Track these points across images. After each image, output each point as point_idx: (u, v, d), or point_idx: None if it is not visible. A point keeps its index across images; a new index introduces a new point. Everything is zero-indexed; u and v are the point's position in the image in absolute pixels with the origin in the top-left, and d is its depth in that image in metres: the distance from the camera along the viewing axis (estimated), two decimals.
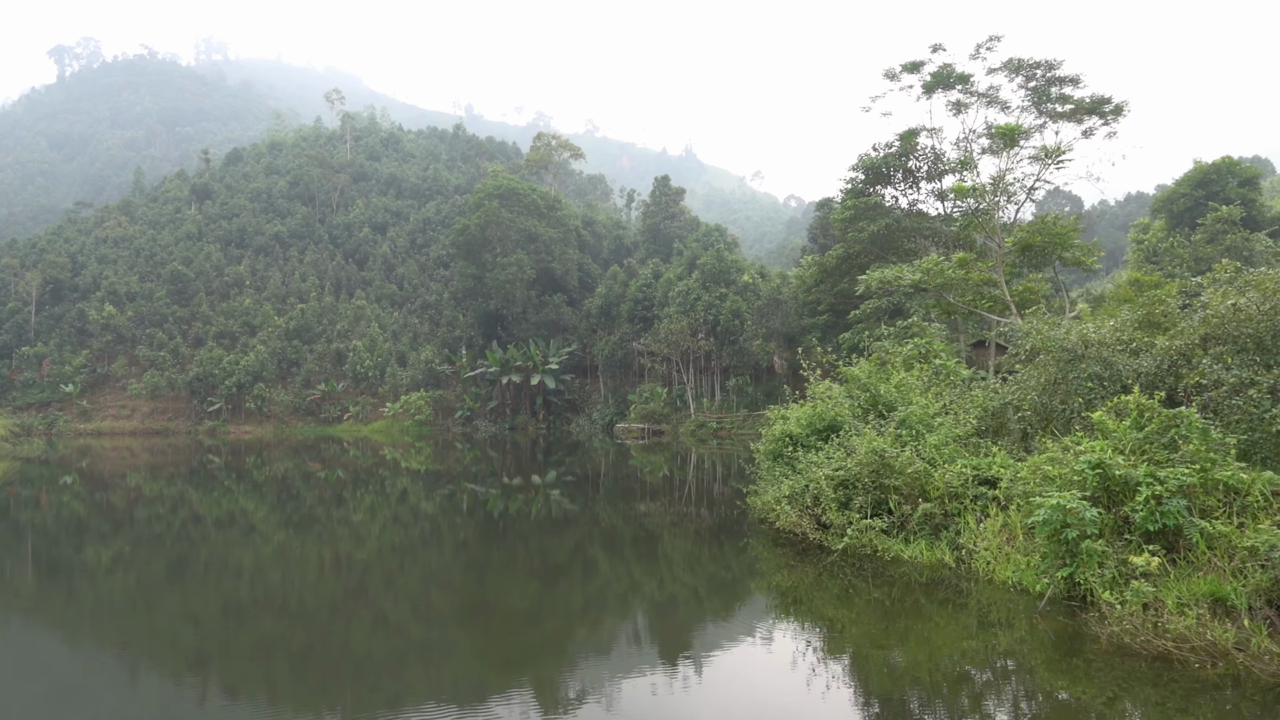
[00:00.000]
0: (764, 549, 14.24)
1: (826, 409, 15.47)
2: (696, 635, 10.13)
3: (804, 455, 14.51)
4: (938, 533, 12.37)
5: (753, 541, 15.04)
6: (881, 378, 15.99)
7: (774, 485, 15.31)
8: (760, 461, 16.66)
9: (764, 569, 13.12)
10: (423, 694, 7.91)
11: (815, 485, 13.63)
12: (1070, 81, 39.93)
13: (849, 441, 13.98)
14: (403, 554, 15.29)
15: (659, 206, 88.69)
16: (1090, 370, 13.39)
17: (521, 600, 11.77)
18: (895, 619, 9.92)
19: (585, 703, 7.57)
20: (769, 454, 16.16)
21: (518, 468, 35.46)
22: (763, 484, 16.36)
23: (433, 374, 78.47)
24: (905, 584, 11.19)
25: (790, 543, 13.94)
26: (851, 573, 11.88)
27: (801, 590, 11.60)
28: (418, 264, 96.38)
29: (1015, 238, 26.82)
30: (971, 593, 10.65)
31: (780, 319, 54.93)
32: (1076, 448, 10.43)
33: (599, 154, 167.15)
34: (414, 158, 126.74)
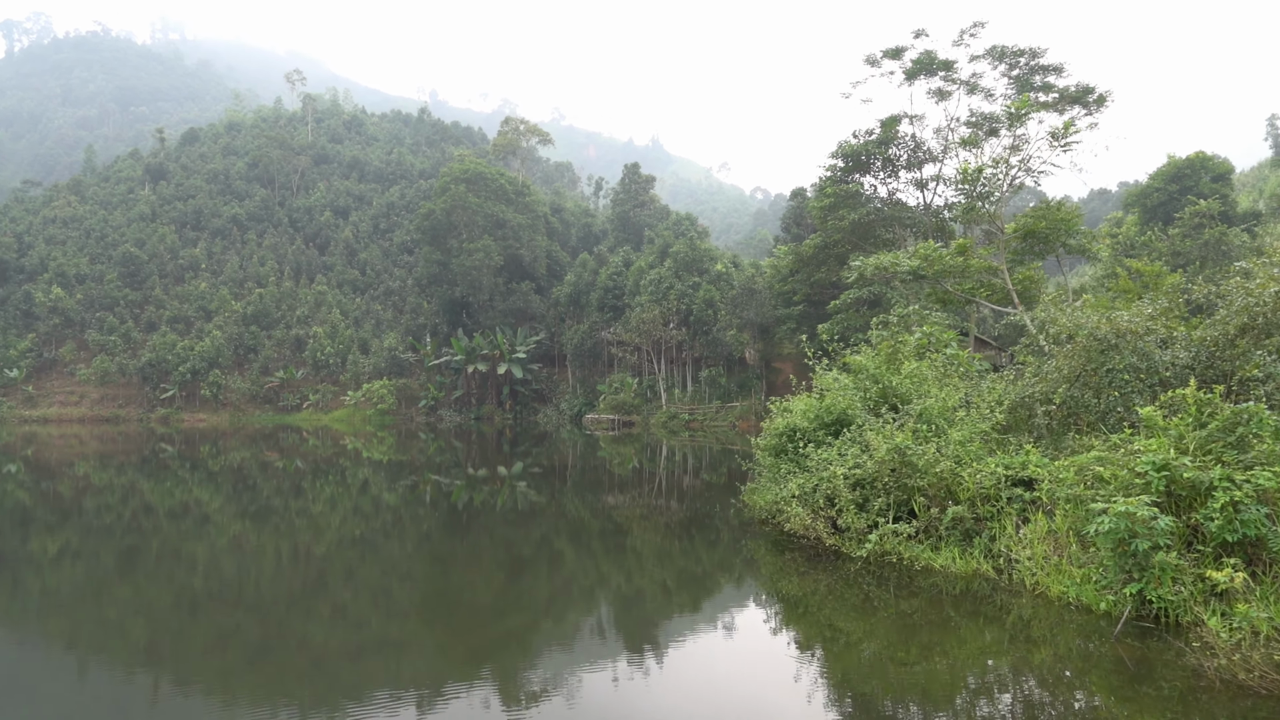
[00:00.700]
0: (767, 553, 13.23)
1: (835, 401, 14.28)
2: (690, 643, 9.34)
3: (813, 451, 13.48)
4: (969, 539, 11.33)
5: (752, 544, 13.96)
6: (891, 368, 14.92)
7: (778, 484, 14.33)
8: (761, 458, 15.49)
9: (769, 575, 12.17)
10: (383, 687, 7.82)
11: (829, 484, 12.63)
12: (1054, 70, 40.34)
13: (862, 437, 13.06)
14: (363, 546, 15.11)
15: (628, 194, 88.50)
16: (1126, 361, 12.57)
17: (486, 593, 11.70)
18: (932, 636, 8.79)
19: (550, 698, 7.54)
20: (771, 450, 15.01)
21: (483, 459, 35.25)
22: (763, 482, 15.45)
23: (396, 362, 77.67)
24: (937, 596, 10.08)
25: (798, 547, 12.90)
26: (872, 582, 10.82)
27: (815, 601, 10.47)
28: (381, 249, 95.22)
29: (1018, 224, 26.25)
30: (1019, 609, 9.52)
31: (755, 309, 55.10)
32: (1127, 446, 9.72)
33: (565, 143, 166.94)
34: (377, 141, 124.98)
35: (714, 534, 16.15)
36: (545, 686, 7.81)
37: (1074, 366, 13.35)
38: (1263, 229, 46.20)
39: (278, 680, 8.10)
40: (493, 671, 8.28)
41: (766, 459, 15.20)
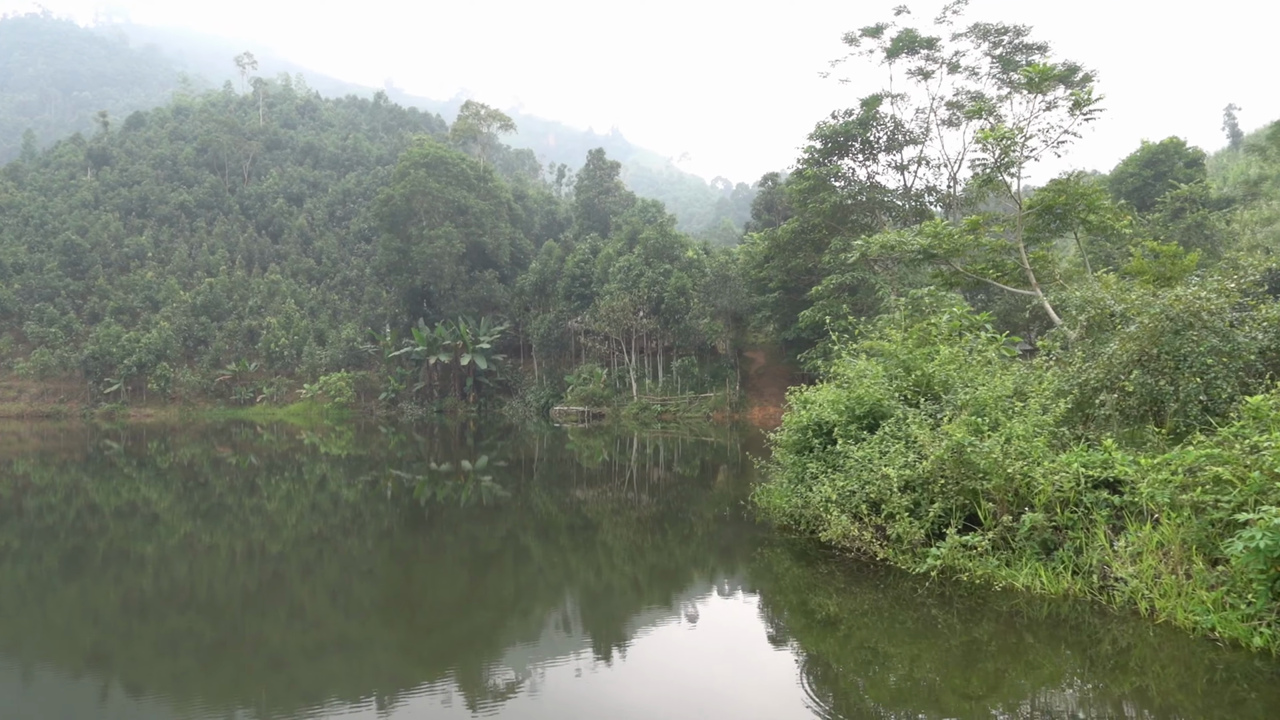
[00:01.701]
0: (792, 564, 11.97)
1: (868, 391, 12.78)
2: (702, 661, 8.47)
3: (847, 449, 12.09)
4: (1048, 551, 9.83)
5: (771, 554, 12.70)
6: (922, 354, 13.47)
7: (803, 485, 13.04)
8: (781, 455, 14.10)
9: (799, 591, 10.68)
10: (343, 687, 7.78)
11: (873, 487, 11.27)
12: (1037, 49, 40.82)
13: (902, 431, 11.80)
14: (321, 544, 14.97)
15: (593, 181, 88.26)
16: (1207, 344, 11.36)
17: (449, 591, 11.66)
18: (1033, 671, 7.58)
19: (517, 698, 7.55)
20: (793, 446, 13.60)
21: (446, 453, 35.05)
22: (781, 482, 14.16)
23: (354, 353, 76.82)
24: (1024, 621, 8.66)
25: (832, 558, 11.58)
26: (935, 603, 9.33)
27: (863, 624, 9.08)
28: (337, 237, 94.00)
29: (1035, 198, 25.62)
30: (1132, 638, 8.00)
31: (729, 297, 55.15)
32: (1241, 441, 8.62)
33: (524, 132, 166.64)
34: (332, 126, 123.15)
35: (723, 539, 14.97)
36: (511, 686, 7.81)
37: (1139, 349, 11.95)
38: (1233, 214, 47.36)
39: (233, 682, 8.01)
40: (457, 670, 8.26)
41: (787, 457, 13.76)
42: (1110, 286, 15.80)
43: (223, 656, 8.72)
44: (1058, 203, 25.11)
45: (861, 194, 45.47)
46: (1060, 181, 25.36)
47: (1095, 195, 25.09)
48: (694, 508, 18.54)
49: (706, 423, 50.75)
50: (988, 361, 13.78)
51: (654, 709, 7.15)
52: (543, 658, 8.62)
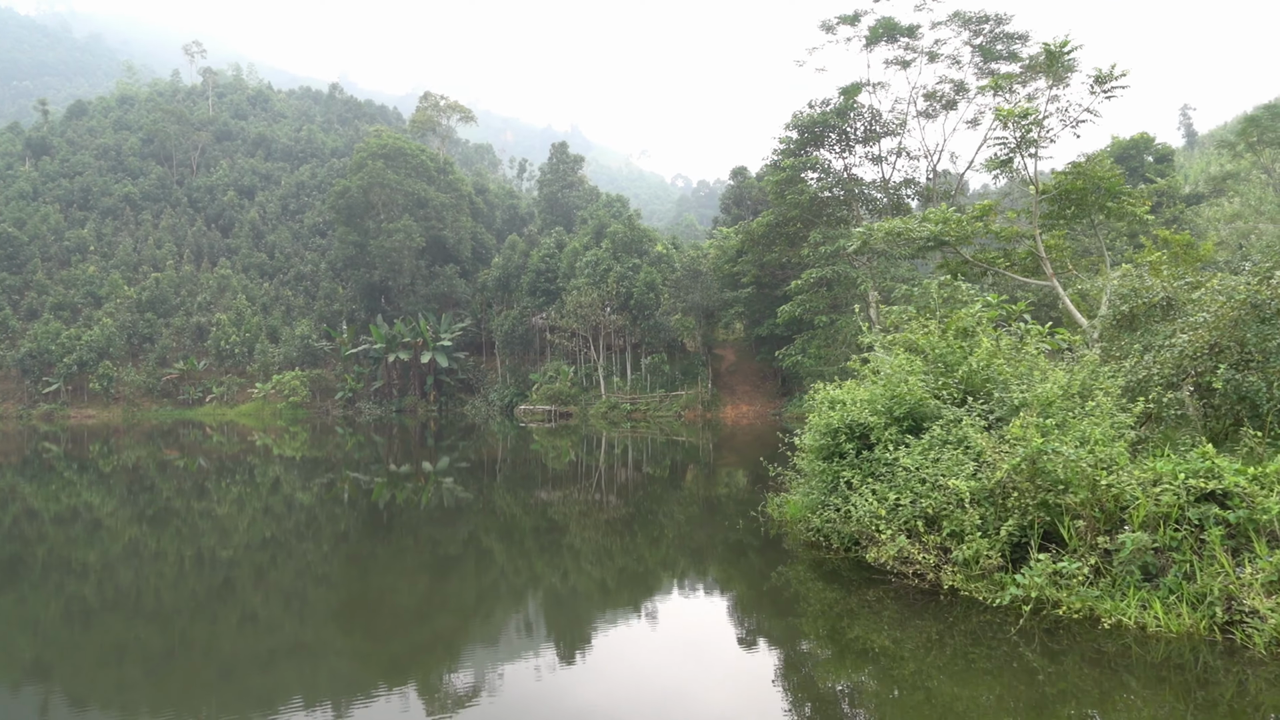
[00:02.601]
0: (829, 589, 10.45)
1: (907, 389, 11.40)
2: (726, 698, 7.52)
3: (896, 456, 10.77)
4: (1150, 578, 8.47)
5: (797, 576, 11.41)
6: (961, 347, 12.35)
7: (832, 496, 11.81)
8: (807, 462, 12.76)
9: (844, 623, 9.16)
10: (297, 695, 7.68)
11: (933, 501, 9.83)
12: (1019, 38, 41.29)
13: (954, 434, 10.49)
14: (274, 548, 14.75)
15: (556, 175, 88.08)
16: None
17: (409, 596, 11.56)
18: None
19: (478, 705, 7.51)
20: (819, 452, 12.29)
21: (406, 454, 34.74)
22: (801, 492, 13.17)
23: (309, 351, 75.78)
24: (1142, 667, 7.35)
25: (876, 581, 10.23)
26: (1023, 642, 7.98)
27: (940, 671, 7.57)
28: (290, 231, 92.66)
29: (1052, 182, 24.72)
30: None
31: (700, 292, 55.19)
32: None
33: (482, 128, 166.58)
34: (285, 118, 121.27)
35: (737, 557, 13.27)
36: (472, 692, 7.76)
37: (1212, 341, 10.92)
38: (1199, 211, 48.54)
39: (181, 692, 7.86)
40: (417, 677, 8.20)
41: (815, 464, 12.42)
42: (1160, 272, 14.95)
43: (171, 666, 8.55)
44: (1075, 188, 24.12)
45: (839, 186, 45.66)
46: (1079, 164, 24.43)
47: (1115, 180, 24.15)
48: (690, 517, 17.95)
49: (678, 422, 50.89)
50: (1034, 355, 12.38)
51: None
52: (525, 690, 8.57)
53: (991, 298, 14.03)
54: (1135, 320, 14.42)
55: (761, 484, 21.87)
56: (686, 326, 57.47)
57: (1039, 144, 23.63)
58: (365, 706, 7.34)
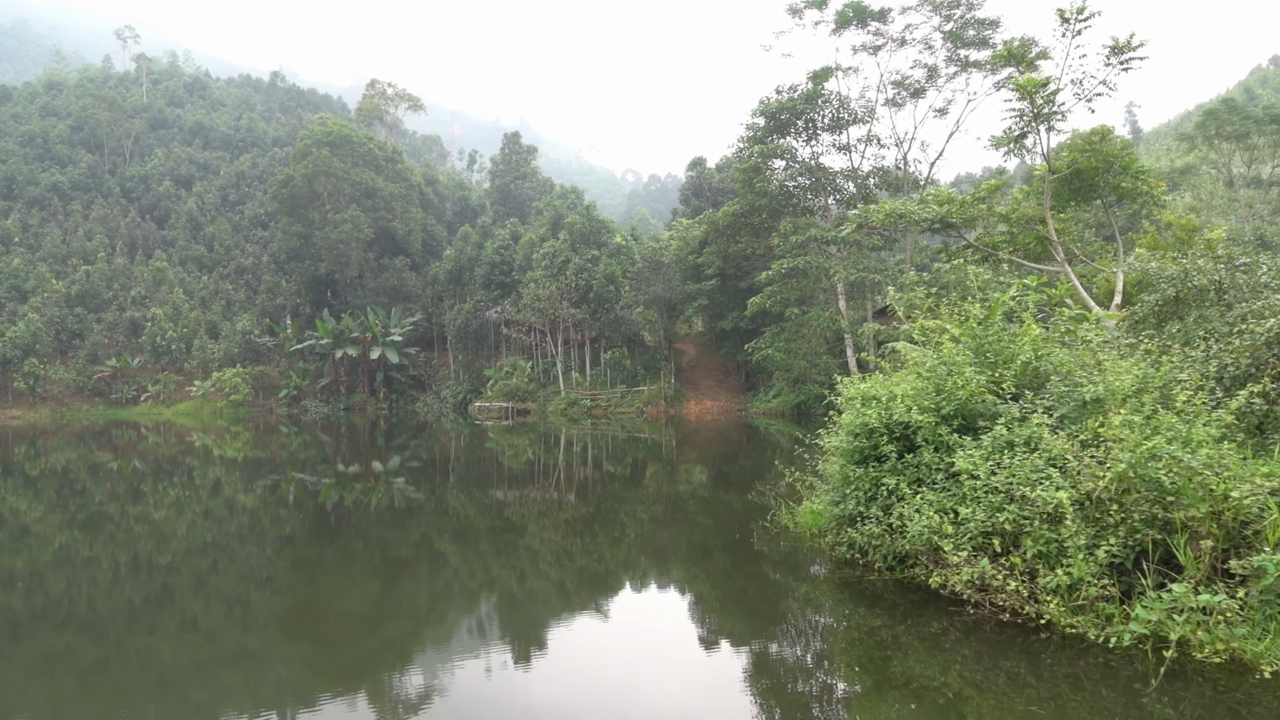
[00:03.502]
0: (879, 620, 9.00)
1: (960, 383, 10.14)
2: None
3: (943, 460, 9.74)
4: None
5: (833, 601, 10.10)
6: (1012, 334, 11.15)
7: (871, 507, 10.50)
8: (836, 468, 11.36)
9: (913, 663, 7.71)
10: (241, 704, 7.55)
11: (1011, 515, 8.43)
12: (990, 24, 41.92)
13: (1026, 435, 9.14)
14: (215, 553, 14.46)
15: (509, 166, 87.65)
16: None
17: (360, 601, 11.41)
18: None
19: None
20: (852, 455, 10.97)
21: (354, 453, 34.30)
22: (827, 498, 11.85)
23: (251, 347, 74.42)
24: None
25: (933, 608, 8.98)
26: (1159, 696, 6.61)
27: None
28: (230, 223, 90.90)
29: (1064, 160, 23.54)
30: None
31: (662, 284, 55.10)
32: None
33: (429, 120, 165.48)
34: (224, 106, 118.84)
35: (753, 576, 11.84)
36: (427, 697, 7.70)
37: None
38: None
39: (117, 702, 7.68)
40: (367, 684, 8.10)
41: (847, 469, 11.02)
42: (1215, 250, 14.29)
43: (105, 676, 8.35)
44: (1088, 167, 23.10)
45: (807, 175, 45.93)
46: (1091, 141, 23.48)
47: (1130, 158, 23.09)
48: (684, 522, 17.23)
49: (640, 418, 50.92)
50: (1094, 343, 11.25)
51: None
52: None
53: (1031, 280, 12.78)
54: (1182, 306, 13.48)
55: (743, 486, 21.96)
56: (649, 320, 57.41)
57: (1056, 117, 22.51)
58: (314, 715, 7.24)
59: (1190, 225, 26.55)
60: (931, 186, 45.14)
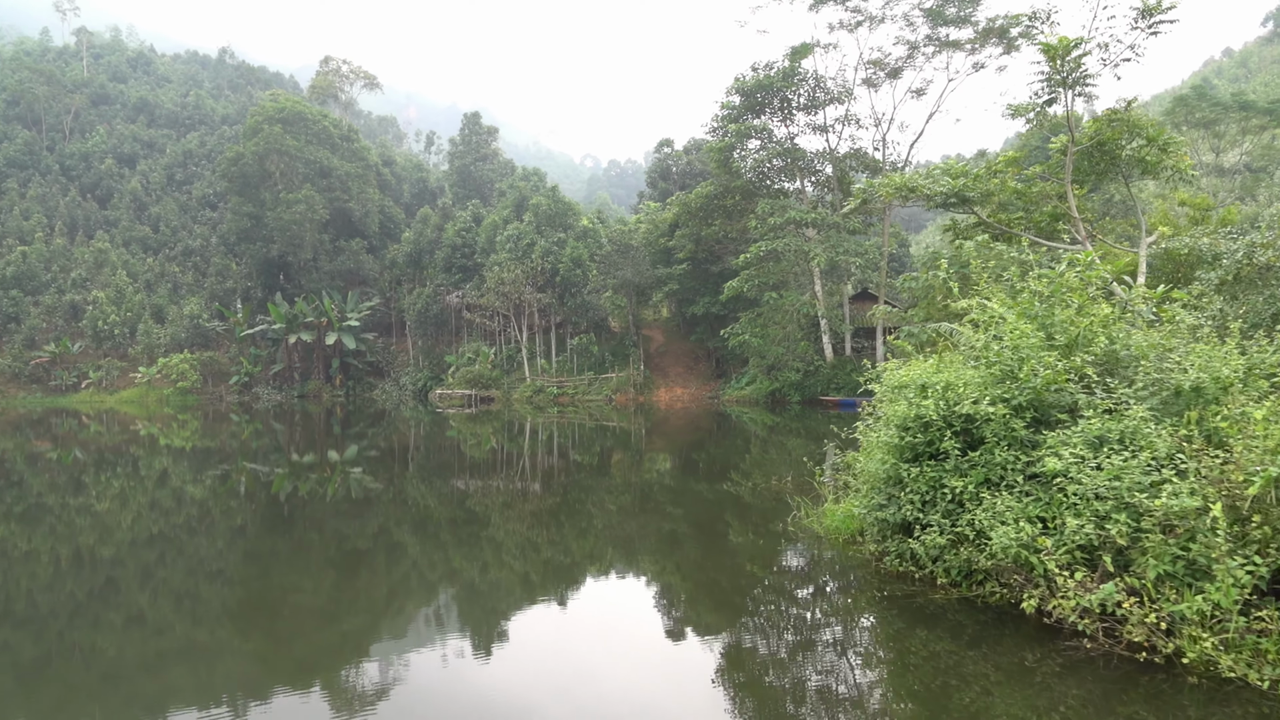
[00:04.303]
0: (947, 646, 7.82)
1: (1036, 368, 9.04)
2: None
3: (1020, 458, 8.65)
4: None
5: (890, 620, 8.80)
6: (1088, 316, 9.86)
7: (929, 511, 9.28)
8: (883, 466, 9.91)
9: (1013, 706, 6.57)
10: (191, 700, 7.45)
11: (1122, 527, 7.27)
12: (971, 1, 42.16)
13: (1125, 430, 8.06)
14: (163, 545, 14.23)
15: (469, 147, 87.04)
16: None
17: (315, 594, 11.30)
18: None
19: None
20: (902, 451, 9.75)
21: (309, 442, 33.92)
22: (867, 500, 10.49)
23: (200, 332, 73.27)
24: None
25: (1020, 636, 7.87)
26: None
27: None
28: (177, 203, 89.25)
29: (1087, 131, 22.76)
30: None
31: (631, 268, 54.91)
32: None
33: (383, 102, 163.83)
34: (170, 82, 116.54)
35: (784, 586, 10.76)
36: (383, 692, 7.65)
37: None
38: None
39: (60, 699, 7.52)
40: (323, 679, 8.03)
41: (901, 467, 9.71)
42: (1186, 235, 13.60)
43: (47, 672, 8.18)
44: (1112, 138, 22.37)
45: (783, 156, 46.00)
46: (1115, 111, 22.63)
47: (1156, 129, 22.29)
48: (692, 524, 16.22)
49: (609, 406, 50.89)
50: (1177, 325, 10.22)
51: None
52: None
53: (1085, 255, 11.71)
54: (1243, 284, 12.84)
55: (742, 481, 22.08)
56: (618, 305, 57.22)
57: (1086, 82, 21.83)
58: (266, 708, 7.18)
59: (1205, 204, 26.27)
60: (909, 169, 45.51)
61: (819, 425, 33.56)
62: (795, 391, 44.15)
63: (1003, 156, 25.70)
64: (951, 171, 23.18)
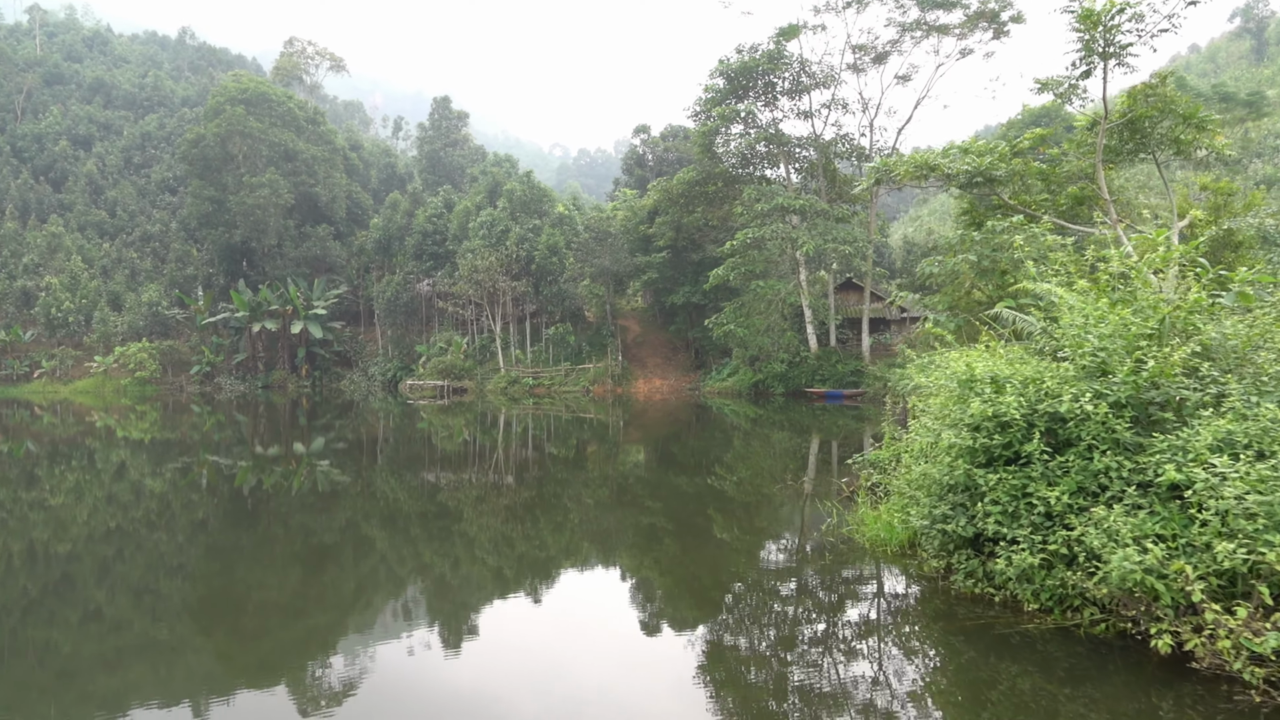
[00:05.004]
0: (1053, 688, 6.78)
1: (1135, 361, 8.26)
2: None
3: (1123, 465, 7.63)
4: None
5: (975, 655, 7.60)
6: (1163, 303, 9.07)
7: (1014, 525, 8.14)
8: (953, 471, 8.81)
9: None
10: (150, 698, 7.42)
11: None
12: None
13: (1248, 432, 7.24)
14: (121, 540, 14.11)
15: (439, 132, 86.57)
16: None
17: (279, 591, 11.26)
18: None
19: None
20: (974, 455, 8.71)
21: (274, 434, 33.67)
22: (928, 510, 9.29)
23: (159, 320, 72.39)
24: None
25: (1152, 675, 6.86)
26: None
27: None
28: (135, 187, 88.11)
29: (1120, 108, 22.13)
30: None
31: (609, 256, 54.70)
32: None
33: (350, 88, 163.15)
34: (128, 63, 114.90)
35: (838, 608, 9.54)
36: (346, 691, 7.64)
37: None
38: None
39: (12, 697, 7.45)
40: (288, 676, 8.01)
41: (971, 474, 8.63)
42: None
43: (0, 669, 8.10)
44: (1144, 114, 21.64)
45: (768, 142, 46.02)
46: (1150, 85, 21.93)
47: (1191, 106, 21.66)
48: (710, 530, 16.07)
49: (586, 398, 50.82)
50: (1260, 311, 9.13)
51: None
52: None
53: (1157, 234, 10.76)
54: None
55: (744, 480, 22.18)
56: (595, 293, 56.96)
57: (1123, 54, 21.34)
58: (228, 707, 7.16)
59: (1228, 189, 26.23)
60: (895, 156, 45.73)
61: (805, 417, 33.78)
62: (779, 383, 44.19)
63: (1028, 135, 25.38)
64: (977, 150, 22.80)
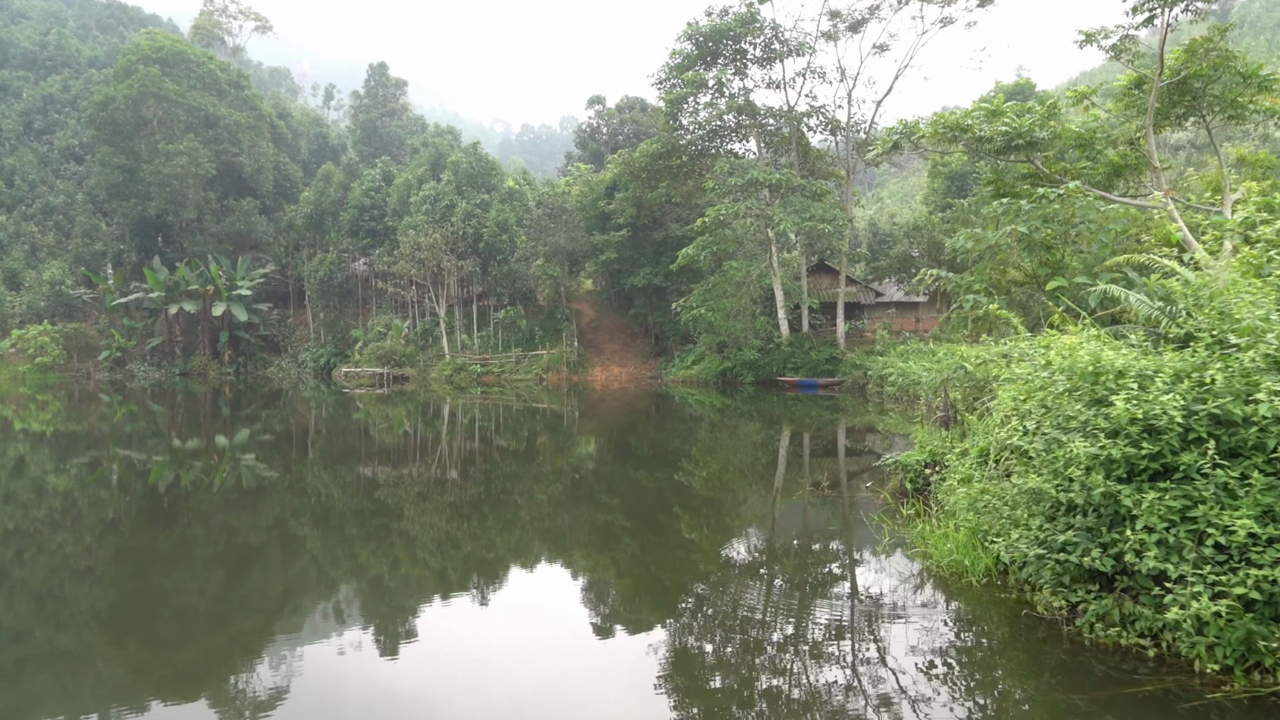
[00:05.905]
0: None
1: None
2: None
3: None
4: None
5: None
6: None
7: (1176, 560, 6.71)
8: (1090, 487, 7.38)
9: None
10: (54, 710, 7.23)
11: None
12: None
13: None
14: (21, 541, 13.74)
15: (375, 101, 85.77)
16: None
17: (199, 595, 11.03)
18: None
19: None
20: (1112, 466, 7.44)
21: (193, 426, 33.13)
22: (1035, 535, 8.08)
23: (63, 301, 70.86)
24: None
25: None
26: None
27: None
28: (36, 154, 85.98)
29: (1172, 65, 21.54)
30: None
31: (564, 234, 54.29)
32: None
33: (276, 54, 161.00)
34: (27, 19, 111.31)
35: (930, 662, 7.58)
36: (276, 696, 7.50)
37: None
38: None
39: None
40: (209, 687, 7.85)
41: (1115, 492, 7.29)
42: None
43: None
44: (1201, 72, 21.01)
45: (740, 112, 46.02)
46: (1208, 39, 21.06)
47: (1252, 64, 21.08)
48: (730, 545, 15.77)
49: (539, 386, 50.62)
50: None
51: None
52: None
53: (1249, 195, 10.56)
54: None
55: (749, 483, 22.23)
56: (549, 274, 56.60)
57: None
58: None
59: (1268, 161, 26.35)
60: (875, 130, 46.06)
61: (778, 408, 33.96)
62: (749, 371, 44.05)
63: (1071, 92, 24.98)
64: (1015, 109, 22.44)
